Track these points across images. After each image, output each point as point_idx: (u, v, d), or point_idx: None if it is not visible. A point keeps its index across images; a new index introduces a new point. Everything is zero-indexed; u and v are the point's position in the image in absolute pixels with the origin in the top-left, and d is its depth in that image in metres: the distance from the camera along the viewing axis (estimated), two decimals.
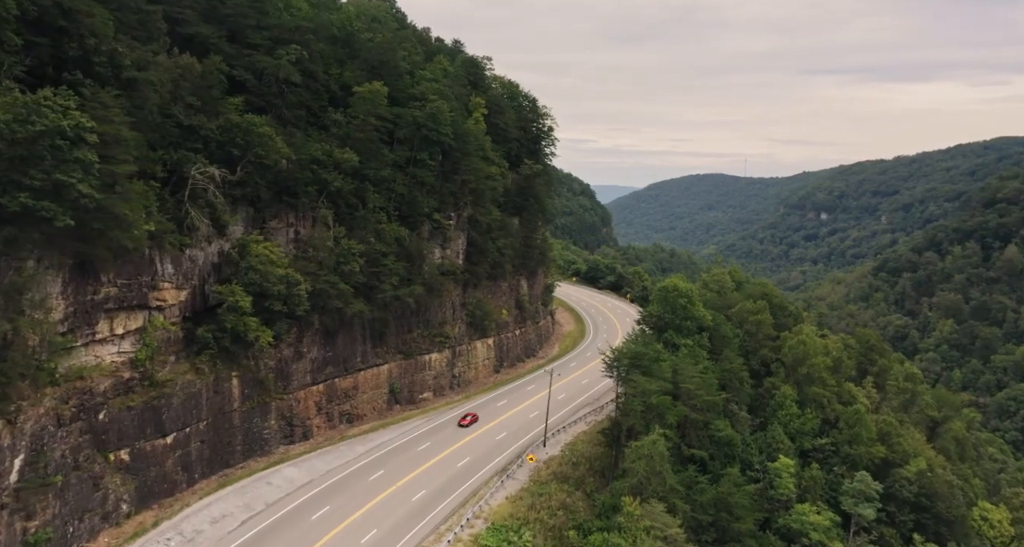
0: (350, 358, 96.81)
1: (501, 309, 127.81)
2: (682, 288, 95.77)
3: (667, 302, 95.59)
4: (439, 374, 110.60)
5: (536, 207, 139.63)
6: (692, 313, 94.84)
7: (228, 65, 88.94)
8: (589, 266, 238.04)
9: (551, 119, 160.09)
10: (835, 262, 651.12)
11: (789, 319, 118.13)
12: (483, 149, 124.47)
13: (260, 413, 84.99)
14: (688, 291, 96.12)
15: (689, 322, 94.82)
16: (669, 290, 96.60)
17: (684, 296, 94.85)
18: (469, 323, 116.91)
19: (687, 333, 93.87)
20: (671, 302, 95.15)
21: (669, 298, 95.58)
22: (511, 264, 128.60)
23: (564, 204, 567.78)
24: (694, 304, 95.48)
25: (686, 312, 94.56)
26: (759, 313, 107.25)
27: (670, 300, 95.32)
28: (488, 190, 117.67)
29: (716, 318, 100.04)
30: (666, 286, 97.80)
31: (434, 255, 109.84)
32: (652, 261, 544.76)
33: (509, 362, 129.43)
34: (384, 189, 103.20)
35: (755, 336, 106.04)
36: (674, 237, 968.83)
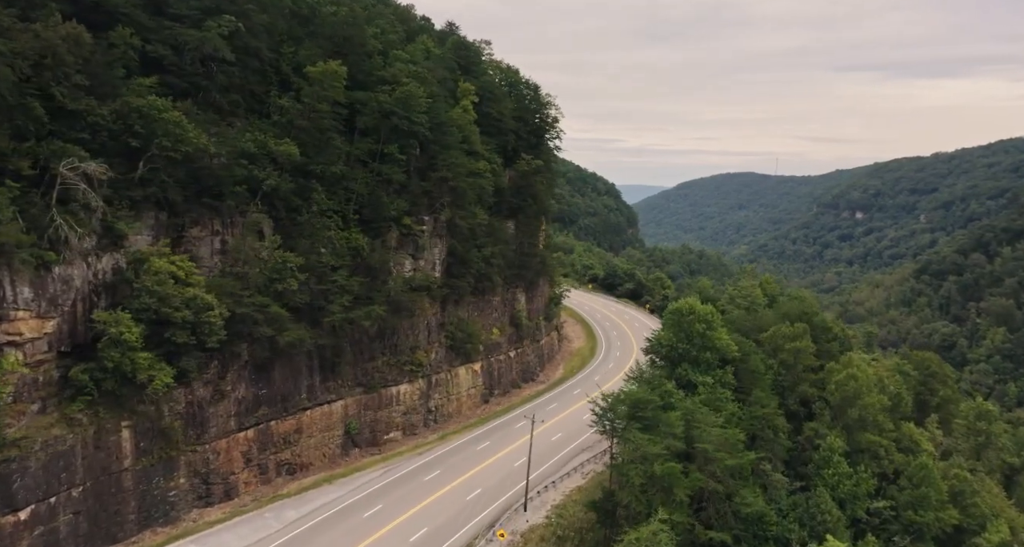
0: (291, 395, 79.12)
1: (491, 328, 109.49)
2: (700, 310, 76.47)
3: (680, 328, 76.59)
4: (410, 409, 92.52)
5: (535, 208, 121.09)
6: (713, 342, 75.72)
7: (143, 40, 72.19)
8: (607, 272, 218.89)
9: (556, 109, 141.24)
10: (872, 263, 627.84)
11: (834, 345, 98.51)
12: (469, 142, 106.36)
13: (163, 471, 67.45)
14: (707, 314, 76.80)
15: (709, 353, 75.74)
16: (683, 313, 77.52)
17: (702, 320, 75.65)
18: (449, 347, 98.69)
19: (706, 367, 74.86)
20: (686, 328, 76.11)
21: (683, 323, 76.51)
22: (502, 275, 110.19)
23: (588, 204, 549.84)
24: (715, 330, 76.27)
25: (705, 341, 75.44)
26: (798, 339, 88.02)
27: (684, 326, 76.28)
28: (471, 189, 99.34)
29: (744, 346, 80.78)
30: (680, 308, 78.53)
31: (403, 267, 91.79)
32: (680, 263, 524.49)
33: (501, 390, 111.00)
34: (340, 189, 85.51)
35: (793, 368, 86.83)
36: (704, 237, 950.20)
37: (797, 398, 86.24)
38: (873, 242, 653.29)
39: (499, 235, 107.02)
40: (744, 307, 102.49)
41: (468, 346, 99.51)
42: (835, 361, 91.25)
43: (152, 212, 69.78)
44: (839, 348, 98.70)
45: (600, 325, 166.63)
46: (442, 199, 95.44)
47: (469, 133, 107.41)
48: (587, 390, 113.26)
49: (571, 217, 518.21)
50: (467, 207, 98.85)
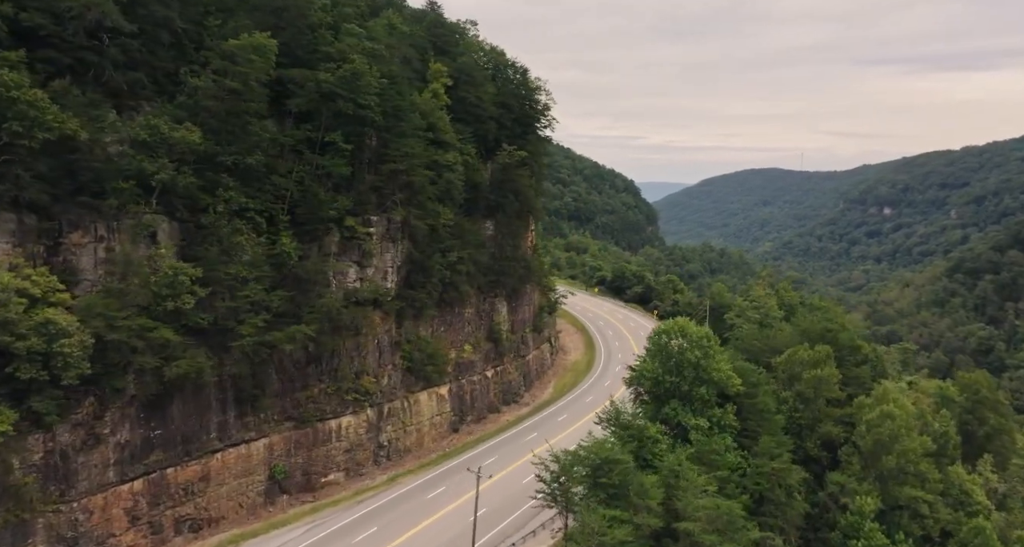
0: (196, 436, 65.02)
1: (462, 345, 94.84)
2: (693, 333, 60.80)
3: (667, 356, 61.12)
4: (355, 445, 78.07)
5: (518, 206, 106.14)
6: (709, 374, 60.09)
7: (17, 7, 59.04)
8: (615, 274, 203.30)
9: (547, 94, 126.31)
10: (900, 260, 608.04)
11: (864, 370, 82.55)
12: (436, 129, 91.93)
13: (12, 539, 53.56)
14: (703, 339, 60.98)
15: (705, 388, 60.12)
16: (671, 334, 61.86)
17: (697, 346, 59.97)
18: (407, 369, 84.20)
19: (701, 406, 59.29)
20: (675, 356, 60.61)
21: (671, 351, 61.03)
22: (476, 283, 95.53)
23: (605, 202, 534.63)
24: (712, 359, 60.61)
25: (699, 372, 59.83)
26: (819, 365, 72.33)
27: (673, 354, 60.74)
28: (432, 183, 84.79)
29: (750, 377, 64.85)
30: (667, 330, 62.79)
31: (346, 277, 77.35)
32: (700, 262, 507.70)
33: (475, 415, 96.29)
34: (266, 184, 71.38)
35: (813, 403, 71.18)
36: (727, 234, 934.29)
37: (818, 440, 70.42)
38: (902, 239, 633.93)
39: (470, 237, 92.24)
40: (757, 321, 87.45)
41: (430, 368, 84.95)
42: (866, 394, 75.34)
43: (11, 214, 56.17)
44: (870, 374, 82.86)
45: (602, 334, 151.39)
46: (394, 196, 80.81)
47: (436, 120, 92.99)
48: (574, 416, 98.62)
49: (587, 215, 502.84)
50: (426, 205, 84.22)
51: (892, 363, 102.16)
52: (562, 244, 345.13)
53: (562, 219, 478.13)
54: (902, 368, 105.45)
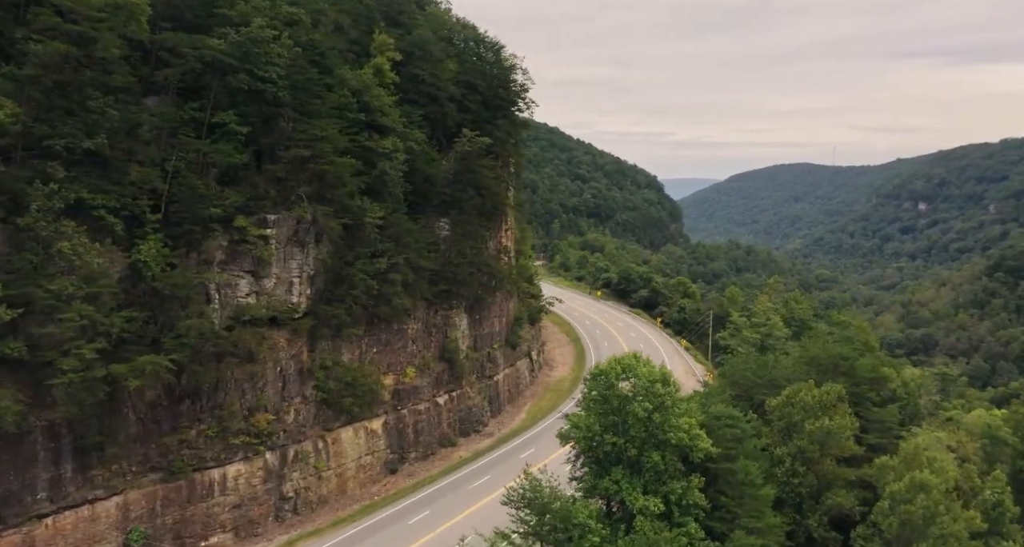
0: (14, 496, 50.24)
1: (404, 368, 79.31)
2: (643, 375, 43.85)
3: (607, 405, 44.11)
4: (248, 499, 62.86)
5: (480, 201, 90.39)
6: (665, 433, 42.78)
7: None
8: (621, 276, 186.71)
9: (523, 73, 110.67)
10: (936, 257, 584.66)
11: (890, 411, 64.47)
12: (370, 111, 76.87)
13: None
14: (656, 383, 43.59)
15: (660, 454, 42.55)
16: (613, 374, 44.63)
17: (647, 396, 42.86)
18: (322, 401, 68.89)
19: (656, 478, 42.31)
20: (618, 407, 43.57)
21: (612, 399, 44.00)
22: (419, 294, 79.93)
23: (626, 198, 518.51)
24: (670, 412, 43.42)
25: (652, 430, 42.79)
26: (828, 412, 54.97)
27: (616, 403, 43.70)
28: (351, 175, 69.48)
29: (729, 430, 47.64)
30: (605, 373, 45.35)
31: (236, 291, 62.21)
32: (725, 260, 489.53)
33: (421, 452, 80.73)
34: (126, 176, 56.59)
35: (818, 464, 53.88)
36: (757, 231, 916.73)
37: (824, 516, 52.99)
38: (938, 235, 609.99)
39: (409, 239, 76.55)
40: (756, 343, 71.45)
41: (348, 399, 69.51)
42: (891, 447, 57.88)
43: None
44: (899, 416, 65.34)
45: (596, 345, 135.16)
46: (299, 189, 65.51)
47: (371, 99, 77.71)
48: (544, 449, 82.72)
49: (607, 212, 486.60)
50: (345, 200, 68.82)
51: (928, 392, 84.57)
52: (577, 242, 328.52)
53: (580, 216, 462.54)
54: (940, 397, 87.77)
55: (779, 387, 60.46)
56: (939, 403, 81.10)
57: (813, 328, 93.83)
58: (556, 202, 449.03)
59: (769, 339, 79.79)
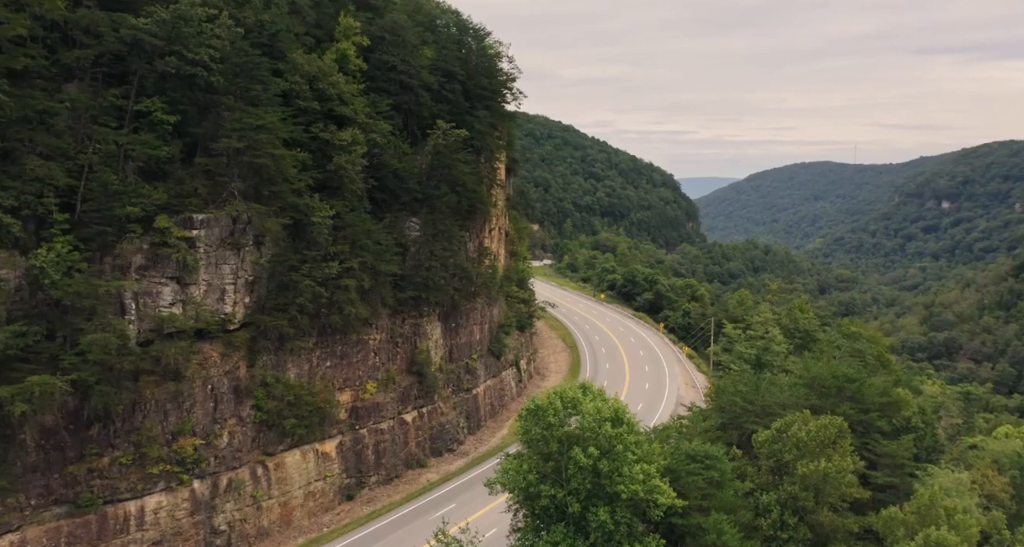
0: None
1: (363, 383, 71.88)
2: (591, 410, 35.60)
3: (545, 449, 35.92)
4: (171, 534, 55.61)
5: (456, 200, 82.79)
6: (616, 486, 33.78)
7: None
8: (625, 278, 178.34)
9: (509, 61, 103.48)
10: (960, 257, 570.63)
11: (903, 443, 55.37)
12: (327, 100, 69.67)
13: None
14: (604, 423, 35.01)
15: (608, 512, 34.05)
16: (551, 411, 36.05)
17: (596, 435, 34.28)
18: (262, 423, 61.63)
19: (607, 540, 33.74)
20: (558, 452, 35.23)
21: (551, 441, 35.60)
22: (383, 301, 72.51)
23: (641, 197, 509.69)
24: (623, 460, 34.41)
25: (600, 481, 34.21)
26: (826, 449, 46.27)
27: (555, 447, 35.22)
28: (296, 170, 62.22)
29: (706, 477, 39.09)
30: (542, 408, 37.15)
31: (158, 300, 55.05)
32: (742, 260, 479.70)
33: (383, 475, 73.26)
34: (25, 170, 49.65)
35: (812, 513, 45.31)
36: (776, 230, 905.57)
37: None
38: (962, 234, 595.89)
39: (367, 240, 69.02)
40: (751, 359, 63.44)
41: (294, 420, 62.19)
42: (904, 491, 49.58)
43: None
44: (914, 450, 56.51)
45: (593, 352, 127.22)
46: (231, 185, 58.26)
47: (327, 87, 70.41)
48: None
49: (621, 211, 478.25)
50: (288, 196, 61.49)
51: (949, 414, 75.28)
52: (589, 242, 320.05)
53: (594, 215, 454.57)
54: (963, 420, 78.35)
55: (772, 415, 52.25)
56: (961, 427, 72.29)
57: (819, 340, 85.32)
58: (569, 201, 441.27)
59: (767, 354, 71.34)
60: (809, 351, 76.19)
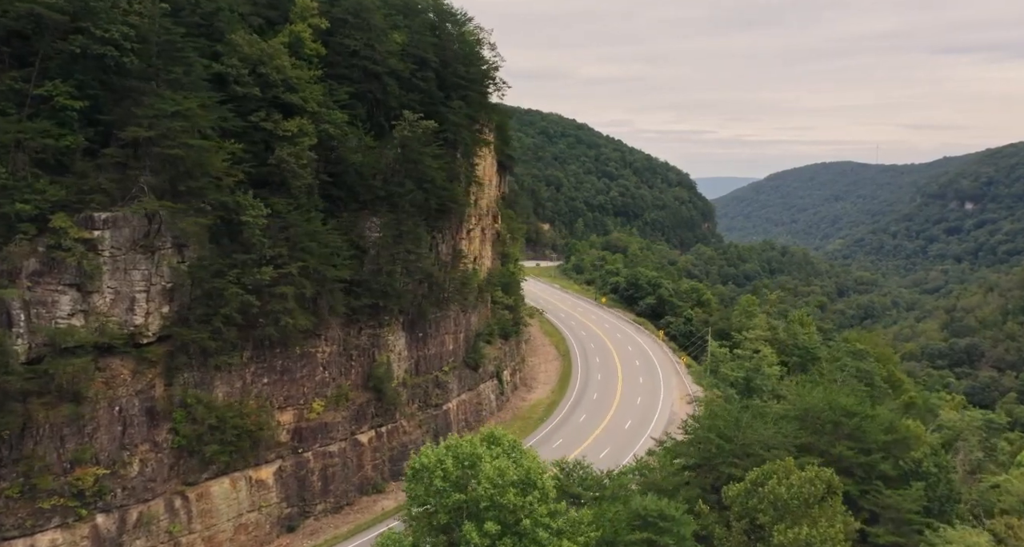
0: None
1: (309, 401, 64.69)
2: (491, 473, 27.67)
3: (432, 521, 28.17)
4: None
5: (422, 198, 75.41)
6: None
7: None
8: (628, 281, 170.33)
9: (491, 48, 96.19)
10: (984, 260, 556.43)
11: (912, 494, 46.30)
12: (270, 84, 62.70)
13: None
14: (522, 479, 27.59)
15: None
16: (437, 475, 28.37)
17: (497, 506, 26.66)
18: (181, 448, 54.56)
19: None
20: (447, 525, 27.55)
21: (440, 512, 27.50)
22: (326, 312, 65.23)
23: (655, 197, 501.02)
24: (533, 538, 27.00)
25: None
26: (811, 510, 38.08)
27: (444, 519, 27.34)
28: (224, 163, 55.14)
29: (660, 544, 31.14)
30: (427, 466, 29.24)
31: (55, 311, 48.12)
32: (758, 261, 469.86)
33: (331, 503, 65.99)
34: None
35: None
36: (796, 231, 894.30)
37: None
38: (985, 236, 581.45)
39: (311, 243, 61.78)
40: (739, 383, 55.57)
41: (216, 447, 55.08)
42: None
43: None
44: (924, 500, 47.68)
45: (586, 361, 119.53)
46: (140, 180, 51.20)
47: (271, 72, 63.32)
48: None
49: (635, 211, 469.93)
50: (209, 191, 54.39)
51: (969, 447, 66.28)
52: (599, 242, 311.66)
53: (607, 214, 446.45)
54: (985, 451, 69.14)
55: (754, 456, 44.35)
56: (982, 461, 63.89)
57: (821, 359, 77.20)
58: (581, 200, 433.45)
59: (757, 376, 62.89)
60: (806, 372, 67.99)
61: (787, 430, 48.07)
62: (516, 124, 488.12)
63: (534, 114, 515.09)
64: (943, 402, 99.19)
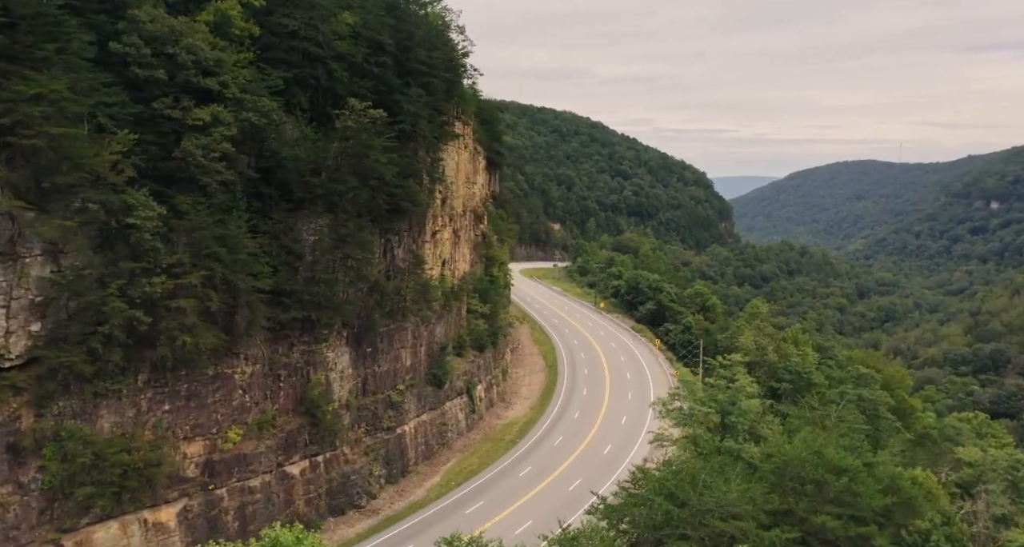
0: None
1: (224, 429, 56.47)
2: None
3: None
4: None
5: (368, 196, 67.05)
6: None
7: None
8: (629, 285, 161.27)
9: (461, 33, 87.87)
10: (1010, 260, 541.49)
11: None
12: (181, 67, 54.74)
13: None
14: None
15: None
16: None
17: None
18: (54, 489, 46.44)
19: None
20: None
21: None
22: (241, 329, 56.93)
23: (671, 196, 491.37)
24: None
25: None
26: None
27: None
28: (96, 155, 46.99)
29: None
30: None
31: None
32: (776, 262, 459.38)
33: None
34: None
35: None
36: (817, 231, 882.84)
37: None
38: (1011, 236, 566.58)
39: (220, 248, 53.45)
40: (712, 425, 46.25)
41: (91, 488, 46.90)
42: None
43: None
44: None
45: (573, 373, 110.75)
46: None
47: (180, 52, 55.19)
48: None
49: (649, 210, 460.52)
50: (82, 191, 46.23)
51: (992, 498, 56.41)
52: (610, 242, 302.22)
53: (620, 214, 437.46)
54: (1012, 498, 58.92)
55: (709, 528, 35.21)
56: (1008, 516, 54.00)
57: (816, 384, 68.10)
58: (593, 199, 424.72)
59: (733, 413, 52.89)
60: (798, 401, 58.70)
61: (756, 492, 38.57)
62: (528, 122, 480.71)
63: (547, 112, 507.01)
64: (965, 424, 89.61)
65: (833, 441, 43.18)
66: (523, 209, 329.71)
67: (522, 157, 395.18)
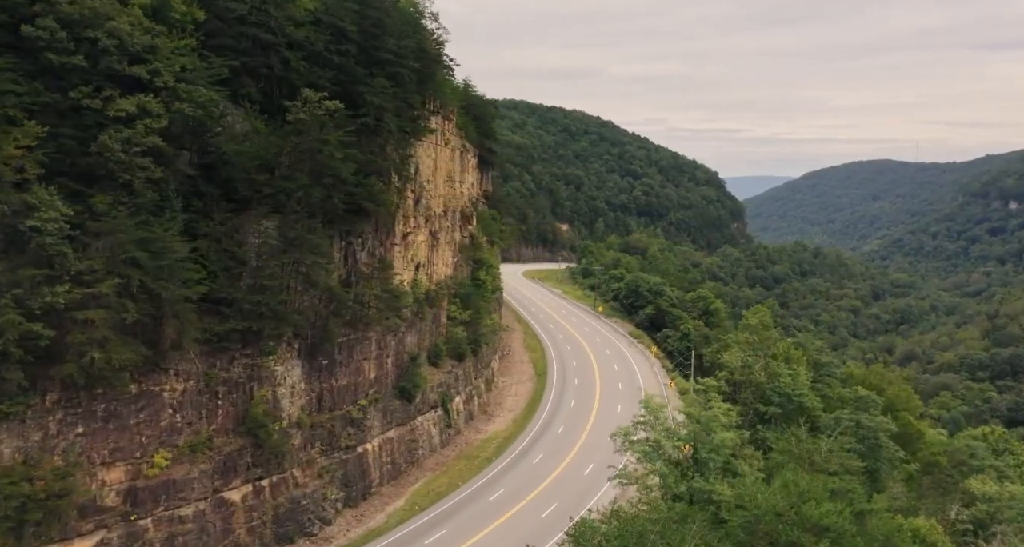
0: None
1: (151, 452, 51.05)
2: None
3: None
4: None
5: (322, 196, 61.54)
6: None
7: None
8: (629, 288, 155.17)
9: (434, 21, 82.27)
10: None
11: None
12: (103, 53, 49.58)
13: None
14: None
15: None
16: None
17: None
18: None
19: None
20: None
21: None
22: (167, 343, 51.51)
23: (682, 196, 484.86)
24: None
25: None
26: None
27: None
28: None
29: None
30: None
31: None
32: (789, 263, 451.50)
33: None
34: None
35: None
36: (832, 231, 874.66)
37: None
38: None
39: (141, 253, 47.95)
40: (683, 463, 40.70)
41: None
42: None
43: None
44: None
45: (564, 382, 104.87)
46: None
47: (102, 37, 49.90)
48: None
49: (659, 210, 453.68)
50: None
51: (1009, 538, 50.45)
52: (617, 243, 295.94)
53: (629, 214, 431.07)
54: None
55: None
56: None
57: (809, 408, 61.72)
58: (602, 199, 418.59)
59: (705, 446, 46.36)
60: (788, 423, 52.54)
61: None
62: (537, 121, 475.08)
63: (556, 111, 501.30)
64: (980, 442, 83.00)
65: (820, 484, 37.00)
66: (530, 209, 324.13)
67: (530, 156, 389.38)
